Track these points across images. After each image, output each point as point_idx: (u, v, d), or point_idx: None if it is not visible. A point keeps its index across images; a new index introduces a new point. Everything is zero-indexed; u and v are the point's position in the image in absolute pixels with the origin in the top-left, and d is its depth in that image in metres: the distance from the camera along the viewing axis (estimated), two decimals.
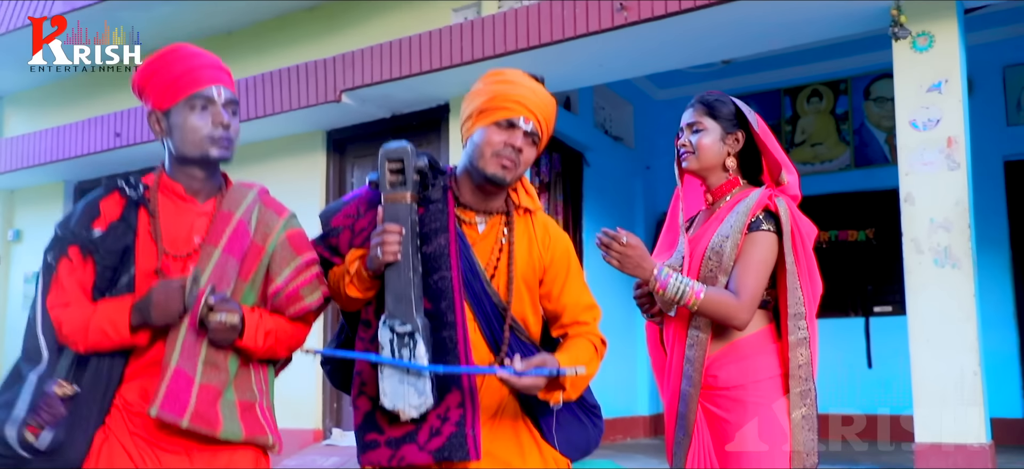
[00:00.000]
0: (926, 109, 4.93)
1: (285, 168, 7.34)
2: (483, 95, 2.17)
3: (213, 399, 2.01)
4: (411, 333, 2.02)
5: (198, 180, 2.11)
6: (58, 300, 2.03)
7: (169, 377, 1.97)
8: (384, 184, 2.09)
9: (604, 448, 7.47)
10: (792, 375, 2.24)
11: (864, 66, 8.12)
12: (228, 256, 2.08)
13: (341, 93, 6.47)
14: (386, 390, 2.04)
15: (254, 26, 7.69)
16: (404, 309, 2.03)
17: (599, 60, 6.01)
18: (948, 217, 4.79)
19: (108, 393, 2.02)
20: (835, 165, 8.39)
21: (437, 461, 2.06)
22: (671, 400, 2.40)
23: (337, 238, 2.22)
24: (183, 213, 2.11)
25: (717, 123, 2.39)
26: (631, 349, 8.54)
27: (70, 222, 2.06)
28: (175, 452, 2.02)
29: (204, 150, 2.06)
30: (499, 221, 2.23)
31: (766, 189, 2.33)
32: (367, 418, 2.14)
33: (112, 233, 2.03)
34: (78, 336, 1.99)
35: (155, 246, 2.05)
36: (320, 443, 6.89)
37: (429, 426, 2.07)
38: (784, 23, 5.45)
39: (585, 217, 7.94)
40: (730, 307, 2.21)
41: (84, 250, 2.03)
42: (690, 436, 2.31)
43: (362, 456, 2.15)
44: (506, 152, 2.11)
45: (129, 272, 2.03)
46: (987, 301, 5.54)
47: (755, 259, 2.25)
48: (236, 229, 2.10)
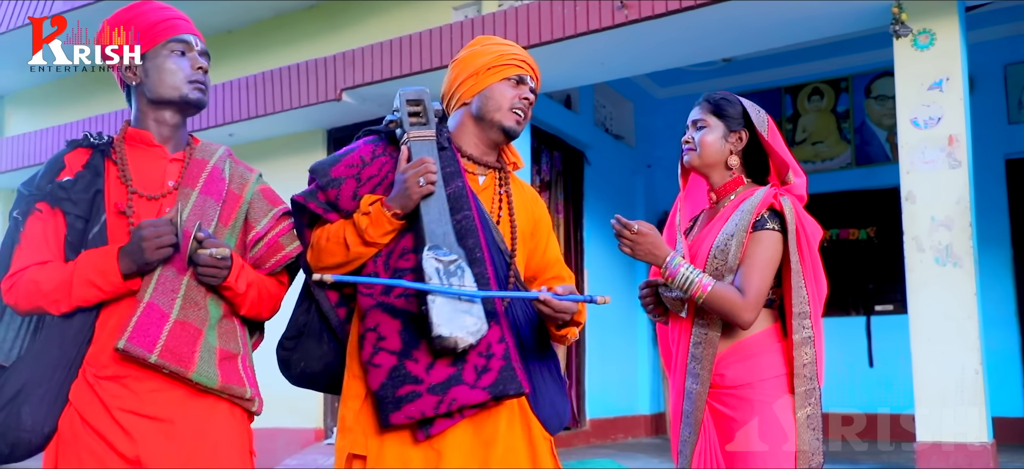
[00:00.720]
0: (927, 107, 4.92)
1: (285, 167, 7.33)
2: (486, 54, 2.25)
3: (191, 338, 1.96)
4: (456, 261, 1.99)
5: (168, 127, 2.09)
6: (31, 257, 1.95)
7: (141, 310, 1.92)
8: (406, 123, 2.12)
9: (605, 447, 7.47)
10: (797, 374, 2.25)
11: (865, 64, 8.11)
12: (206, 197, 2.07)
13: (341, 92, 6.47)
14: (440, 320, 1.92)
15: (254, 25, 7.69)
16: (446, 238, 2.03)
17: (600, 58, 6.01)
18: (949, 215, 4.78)
19: (75, 360, 1.95)
20: (836, 163, 8.39)
21: (492, 397, 2.00)
22: (677, 398, 2.39)
23: (337, 190, 2.12)
24: (154, 159, 2.07)
25: (721, 121, 2.40)
26: (632, 348, 8.55)
27: (35, 180, 2.01)
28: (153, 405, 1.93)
29: (183, 92, 2.05)
30: (495, 175, 2.28)
31: (771, 188, 2.33)
32: (394, 373, 2.01)
33: (80, 180, 1.98)
34: (60, 293, 1.91)
35: (124, 188, 2.01)
36: (321, 442, 6.89)
37: (472, 365, 2.00)
38: (785, 21, 5.45)
39: (586, 216, 7.94)
40: (735, 304, 2.21)
41: (53, 202, 1.97)
42: (697, 434, 2.31)
43: (393, 414, 1.99)
44: (520, 105, 2.22)
45: (100, 220, 1.98)
46: (988, 299, 5.54)
47: (760, 258, 2.25)
48: (211, 174, 2.09)
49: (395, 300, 2.05)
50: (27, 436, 1.89)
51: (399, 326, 2.04)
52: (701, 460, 2.32)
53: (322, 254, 2.10)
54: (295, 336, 2.21)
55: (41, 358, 1.93)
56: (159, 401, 1.94)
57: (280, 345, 2.22)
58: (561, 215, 7.64)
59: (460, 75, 2.26)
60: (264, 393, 2.16)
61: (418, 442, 2.02)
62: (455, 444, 2.02)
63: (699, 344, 2.30)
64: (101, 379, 1.93)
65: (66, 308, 1.92)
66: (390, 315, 2.05)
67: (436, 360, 2.00)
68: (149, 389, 1.94)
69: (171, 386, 1.96)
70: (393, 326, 2.04)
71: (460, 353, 1.99)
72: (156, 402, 1.94)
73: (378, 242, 2.07)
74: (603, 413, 7.90)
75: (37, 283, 1.92)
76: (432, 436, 2.01)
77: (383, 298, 2.06)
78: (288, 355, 2.22)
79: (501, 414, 2.08)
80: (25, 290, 1.93)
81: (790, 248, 2.26)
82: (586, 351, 7.68)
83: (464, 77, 2.25)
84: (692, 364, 2.31)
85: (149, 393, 1.94)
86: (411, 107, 2.13)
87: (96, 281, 1.91)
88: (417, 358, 2.01)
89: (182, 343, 1.94)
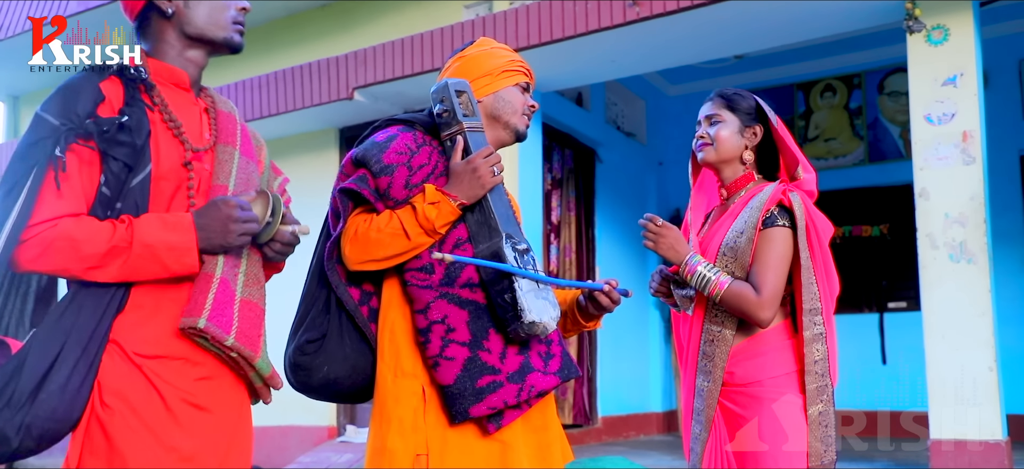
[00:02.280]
0: (941, 103, 4.90)
1: (298, 165, 7.36)
2: (498, 57, 2.29)
3: (256, 320, 1.74)
4: (528, 250, 2.06)
5: (197, 69, 1.83)
6: (66, 206, 1.59)
7: (217, 286, 1.66)
8: (459, 114, 2.12)
9: (617, 444, 7.47)
10: (808, 371, 2.24)
11: (878, 60, 8.07)
12: (248, 160, 1.85)
13: (353, 90, 6.49)
14: (530, 306, 1.96)
15: (266, 25, 7.71)
16: (515, 227, 2.09)
17: (611, 56, 6.00)
18: (963, 212, 4.76)
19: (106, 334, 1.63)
20: (849, 160, 8.36)
21: (562, 381, 2.09)
22: (688, 394, 2.39)
23: (390, 178, 2.05)
24: (185, 105, 1.80)
25: (735, 116, 2.40)
26: (644, 346, 8.54)
27: (70, 106, 1.63)
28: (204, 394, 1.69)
29: (228, 33, 1.82)
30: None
31: (780, 184, 2.33)
32: (470, 365, 1.98)
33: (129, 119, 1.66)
34: (107, 260, 1.59)
35: (173, 136, 1.72)
36: (334, 440, 6.91)
37: (536, 351, 2.06)
38: (797, 17, 5.43)
39: (597, 214, 7.94)
40: (751, 303, 2.22)
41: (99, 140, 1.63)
42: (709, 431, 2.31)
43: (474, 406, 1.96)
44: (529, 112, 2.30)
45: (144, 171, 1.66)
46: (1003, 296, 5.50)
47: (772, 255, 2.25)
48: (243, 132, 1.88)
49: (460, 290, 2.03)
50: (56, 426, 1.57)
51: (467, 317, 2.02)
52: (711, 458, 2.32)
53: (371, 246, 2.02)
54: (318, 339, 2.11)
55: (73, 333, 1.60)
56: (208, 390, 1.72)
57: (298, 351, 2.10)
58: (573, 213, 7.64)
59: (475, 73, 2.25)
60: (278, 391, 2.09)
61: (487, 436, 2.02)
62: (516, 436, 2.05)
63: (711, 342, 2.30)
64: (149, 359, 1.65)
65: (108, 278, 1.61)
66: (458, 306, 2.02)
67: (507, 349, 2.02)
68: (202, 375, 1.71)
69: (223, 372, 1.75)
70: (461, 317, 2.01)
71: (524, 341, 2.03)
72: (206, 391, 1.71)
73: (441, 232, 2.03)
74: (615, 410, 7.90)
75: (75, 242, 1.58)
76: (502, 427, 2.02)
77: (446, 289, 2.03)
78: (309, 360, 2.10)
79: (546, 401, 2.15)
80: (56, 247, 1.57)
81: (800, 245, 2.25)
82: (598, 348, 7.68)
83: (480, 75, 2.25)
84: (703, 361, 2.31)
85: (201, 380, 1.70)
86: (461, 97, 2.14)
87: (165, 259, 1.62)
88: (490, 348, 2.01)
89: (250, 325, 1.72)
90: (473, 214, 2.07)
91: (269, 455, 6.84)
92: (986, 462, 4.54)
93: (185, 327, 1.65)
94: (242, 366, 1.74)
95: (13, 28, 7.97)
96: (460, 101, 2.12)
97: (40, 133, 1.61)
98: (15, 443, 1.54)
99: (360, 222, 2.05)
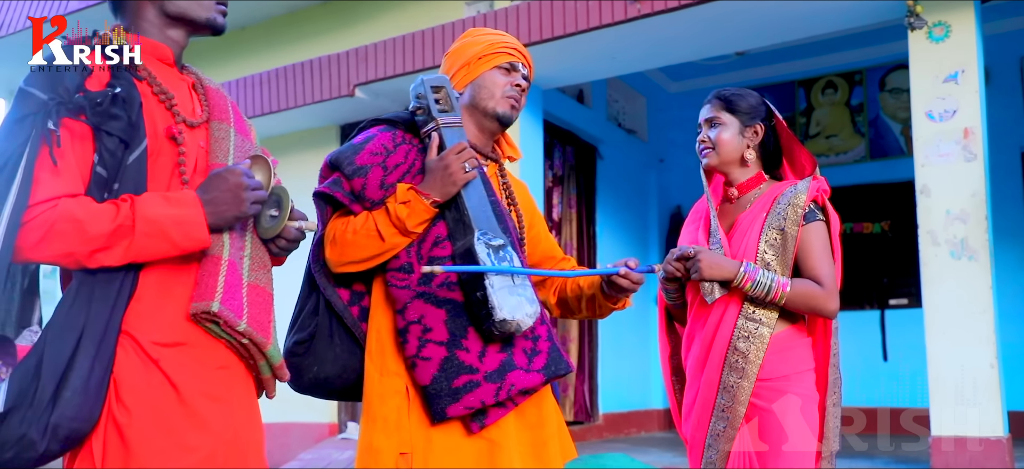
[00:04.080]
0: (942, 100, 4.89)
1: (299, 163, 7.34)
2: (477, 44, 2.24)
3: (266, 305, 1.67)
4: (503, 245, 2.00)
5: (178, 48, 1.75)
6: (64, 185, 1.48)
7: (226, 268, 1.59)
8: (434, 110, 2.10)
9: (618, 441, 7.47)
10: (831, 365, 2.30)
11: (879, 57, 8.06)
12: (243, 138, 1.79)
13: (354, 88, 6.49)
14: (501, 304, 1.91)
15: (267, 22, 7.71)
16: (491, 224, 2.03)
17: (612, 53, 6.00)
18: (964, 209, 4.75)
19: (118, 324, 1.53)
20: (850, 157, 8.35)
21: (547, 379, 2.03)
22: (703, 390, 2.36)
23: (363, 179, 2.05)
24: (172, 80, 1.72)
25: (735, 117, 2.39)
26: (645, 343, 8.53)
27: (57, 79, 1.53)
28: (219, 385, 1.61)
29: (211, 14, 1.75)
30: (495, 167, 2.30)
31: (813, 181, 2.34)
32: (446, 364, 1.96)
33: (119, 92, 1.56)
34: (114, 240, 1.49)
35: (165, 110, 1.64)
36: (335, 437, 6.92)
37: (521, 349, 2.01)
38: (798, 14, 5.42)
39: (598, 211, 7.94)
40: (819, 297, 2.24)
41: (91, 116, 1.53)
42: (736, 428, 2.29)
43: (451, 406, 1.94)
44: (514, 92, 2.20)
45: (140, 146, 1.56)
46: (1004, 293, 5.50)
47: (823, 248, 2.28)
48: (235, 109, 1.82)
49: (437, 290, 2.01)
50: (81, 426, 1.47)
51: (444, 316, 2.00)
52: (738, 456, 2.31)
53: (348, 248, 2.03)
54: (307, 340, 2.12)
55: (87, 326, 1.50)
56: (225, 380, 1.64)
57: (288, 352, 2.10)
58: (573, 210, 7.64)
59: (453, 66, 2.25)
60: (279, 388, 2.07)
61: (472, 434, 1.99)
62: (506, 434, 2.01)
63: (747, 338, 2.27)
64: (163, 348, 1.55)
65: (114, 261, 1.50)
66: (434, 305, 2.01)
67: (487, 347, 1.98)
68: (218, 364, 1.63)
69: (235, 362, 1.67)
70: (438, 316, 2.00)
71: (507, 338, 1.99)
72: (223, 381, 1.63)
73: (415, 232, 2.02)
74: (616, 407, 7.90)
75: (79, 222, 1.47)
76: (486, 426, 1.99)
77: (423, 289, 2.01)
78: (299, 361, 2.10)
79: (541, 397, 2.09)
80: (58, 229, 1.46)
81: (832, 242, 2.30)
82: (599, 345, 7.69)
83: (457, 68, 2.24)
84: (735, 357, 2.28)
85: (217, 370, 1.63)
86: (437, 93, 2.12)
87: (173, 234, 1.52)
88: (468, 347, 1.98)
89: (260, 311, 1.65)
90: (450, 211, 2.05)
91: (270, 452, 6.84)
92: (987, 459, 4.54)
93: (197, 311, 1.57)
94: (252, 354, 1.66)
95: (13, 25, 7.97)
96: (436, 97, 2.10)
97: (27, 108, 1.50)
98: (41, 447, 1.44)
99: (338, 225, 2.05)
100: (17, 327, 1.60)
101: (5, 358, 1.53)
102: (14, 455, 1.43)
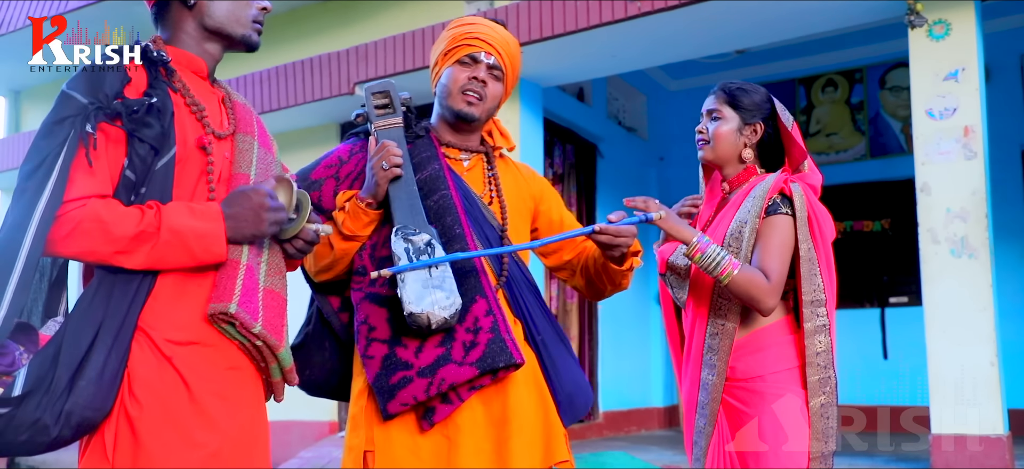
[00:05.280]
0: (942, 98, 4.89)
1: (299, 161, 7.31)
2: (445, 40, 2.26)
3: (280, 310, 1.71)
4: (428, 240, 1.98)
5: (215, 62, 1.83)
6: (95, 186, 1.55)
7: (244, 271, 1.64)
8: (373, 115, 2.14)
9: (619, 439, 7.47)
10: (810, 363, 2.22)
11: (880, 55, 8.06)
12: (266, 152, 1.83)
13: (354, 86, 6.49)
14: (410, 298, 1.89)
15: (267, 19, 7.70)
16: (417, 219, 2.02)
17: (612, 51, 5.99)
18: (965, 207, 4.75)
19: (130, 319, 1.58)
20: (850, 155, 8.34)
21: (482, 372, 1.97)
22: (690, 388, 2.38)
23: (318, 192, 2.14)
24: (204, 92, 1.78)
25: (736, 113, 2.36)
26: (645, 341, 8.54)
27: (97, 84, 1.59)
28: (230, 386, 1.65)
29: (247, 31, 1.83)
30: (481, 158, 2.28)
31: (782, 173, 2.31)
32: (387, 361, 2.00)
33: (156, 100, 1.63)
34: (136, 245, 1.55)
35: (197, 121, 1.70)
36: (335, 435, 6.92)
37: (461, 342, 1.98)
38: (799, 12, 5.42)
39: (598, 209, 7.93)
40: (759, 288, 2.17)
41: (126, 121, 1.59)
42: (713, 425, 2.29)
43: (390, 403, 1.98)
44: (471, 86, 2.17)
45: (169, 153, 1.62)
46: (1004, 291, 5.50)
47: (776, 242, 2.22)
48: (259, 123, 1.87)
49: (380, 289, 2.04)
50: (93, 415, 1.53)
51: (387, 315, 2.03)
52: (714, 455, 2.31)
53: (315, 258, 2.10)
54: (298, 345, 2.19)
55: (105, 321, 1.56)
56: (235, 381, 1.68)
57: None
58: (574, 208, 7.63)
59: (431, 68, 2.30)
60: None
61: (424, 431, 2.01)
62: (467, 429, 2.01)
63: (716, 335, 2.27)
64: (176, 346, 1.61)
65: (135, 265, 1.56)
66: (377, 305, 2.05)
67: (424, 343, 1.99)
68: (228, 365, 1.67)
69: (246, 364, 1.71)
70: (382, 315, 2.04)
71: (449, 332, 1.97)
72: (234, 382, 1.68)
73: (358, 234, 2.07)
74: (616, 406, 7.90)
75: (105, 224, 1.53)
76: (436, 423, 1.99)
77: (370, 289, 2.06)
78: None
79: (511, 391, 2.04)
80: (84, 227, 1.53)
81: (800, 235, 2.23)
82: (599, 344, 7.68)
83: (431, 68, 2.29)
84: (708, 355, 2.29)
85: (227, 370, 1.67)
86: (378, 99, 2.15)
87: (193, 246, 1.59)
88: (407, 344, 2.00)
89: (274, 315, 1.69)
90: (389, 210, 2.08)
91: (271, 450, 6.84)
92: (987, 457, 4.53)
93: (215, 312, 1.61)
94: (265, 357, 1.71)
95: (14, 23, 7.97)
96: (378, 102, 2.15)
97: (67, 110, 1.56)
98: (54, 432, 1.50)
99: None
100: (43, 316, 1.68)
101: (27, 345, 1.57)
102: (28, 438, 1.50)
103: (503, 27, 2.30)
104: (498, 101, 2.24)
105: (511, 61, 2.26)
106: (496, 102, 2.23)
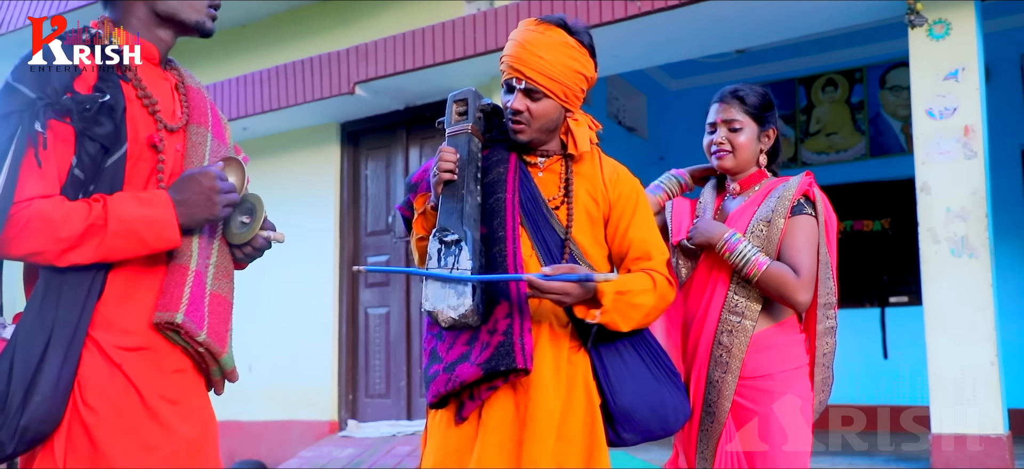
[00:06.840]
0: (942, 98, 4.89)
1: (299, 161, 7.36)
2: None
3: (225, 314, 1.70)
4: (457, 241, 2.06)
5: (167, 48, 1.77)
6: (41, 186, 1.50)
7: (193, 278, 1.61)
8: (447, 122, 2.22)
9: None
10: (818, 364, 2.28)
11: (880, 55, 8.06)
12: (220, 143, 1.79)
13: (355, 85, 6.48)
14: (428, 295, 2.05)
15: (267, 19, 7.70)
16: (453, 221, 2.09)
17: (612, 50, 5.99)
18: (965, 206, 4.75)
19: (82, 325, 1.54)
20: (850, 154, 8.34)
21: (486, 373, 2.01)
22: (696, 385, 2.37)
23: (416, 194, 2.26)
24: (156, 80, 1.72)
25: (753, 121, 2.39)
26: None
27: (45, 77, 1.53)
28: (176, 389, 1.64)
29: (201, 17, 1.77)
30: (559, 160, 2.26)
31: (807, 175, 2.35)
32: (431, 354, 2.17)
33: (107, 95, 1.57)
34: (83, 240, 1.50)
35: (148, 115, 1.65)
36: (335, 435, 6.92)
37: (481, 342, 2.07)
38: (799, 12, 5.42)
39: None
40: (790, 283, 2.21)
41: (75, 118, 1.53)
42: (722, 424, 2.29)
43: (427, 393, 2.16)
44: (512, 116, 2.17)
45: (120, 150, 1.57)
46: (1004, 291, 5.50)
47: (805, 240, 2.27)
48: (213, 110, 1.82)
49: None
50: (46, 428, 1.51)
51: None
52: (718, 455, 2.31)
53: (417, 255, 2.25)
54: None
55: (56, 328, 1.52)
56: (181, 383, 1.68)
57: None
58: None
59: None
60: (279, 387, 2.15)
61: (457, 424, 2.12)
62: (493, 426, 2.08)
63: (731, 333, 2.28)
64: (125, 352, 1.58)
65: (84, 260, 1.52)
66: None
67: (455, 341, 2.11)
68: (174, 368, 1.66)
69: (190, 366, 1.70)
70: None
71: (475, 331, 2.07)
72: (180, 385, 1.67)
73: (425, 235, 2.20)
74: None
75: (51, 221, 1.49)
76: (465, 418, 2.10)
77: None
78: None
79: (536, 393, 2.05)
80: (31, 228, 1.48)
81: (821, 238, 2.28)
82: None
83: None
84: (719, 352, 2.28)
85: (173, 374, 1.66)
86: (457, 107, 2.22)
87: (144, 234, 1.55)
88: (445, 339, 2.13)
89: (220, 320, 1.68)
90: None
91: (271, 450, 6.85)
92: (987, 457, 4.54)
93: (161, 321, 1.60)
94: (206, 361, 1.70)
95: (14, 23, 7.97)
96: (457, 110, 2.22)
97: (13, 105, 1.51)
98: (9, 448, 1.48)
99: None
100: None
101: None
102: None
103: (550, 27, 2.23)
104: (549, 116, 2.17)
105: (549, 72, 2.15)
106: (546, 117, 2.17)
